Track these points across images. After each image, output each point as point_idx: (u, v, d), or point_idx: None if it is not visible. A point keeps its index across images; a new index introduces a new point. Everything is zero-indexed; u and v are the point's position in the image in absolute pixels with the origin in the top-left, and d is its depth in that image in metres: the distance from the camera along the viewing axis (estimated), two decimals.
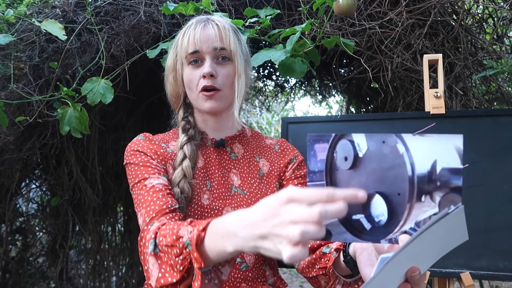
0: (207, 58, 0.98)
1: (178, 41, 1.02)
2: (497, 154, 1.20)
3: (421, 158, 0.54)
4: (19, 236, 2.66)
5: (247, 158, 1.07)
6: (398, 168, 0.54)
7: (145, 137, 1.03)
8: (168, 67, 1.05)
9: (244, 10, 1.40)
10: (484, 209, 1.17)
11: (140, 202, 0.91)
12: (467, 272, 1.13)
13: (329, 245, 0.95)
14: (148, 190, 0.91)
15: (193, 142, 1.01)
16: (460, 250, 1.16)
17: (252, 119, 7.49)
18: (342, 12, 1.23)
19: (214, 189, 1.00)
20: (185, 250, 0.70)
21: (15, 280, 2.42)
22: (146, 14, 1.59)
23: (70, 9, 1.63)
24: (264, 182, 1.05)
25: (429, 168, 0.53)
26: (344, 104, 3.34)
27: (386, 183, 0.55)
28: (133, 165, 0.96)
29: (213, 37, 0.97)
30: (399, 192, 0.54)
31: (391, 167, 0.54)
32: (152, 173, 0.93)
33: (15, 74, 1.60)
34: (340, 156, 0.57)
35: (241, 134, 1.09)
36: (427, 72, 1.32)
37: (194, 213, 0.96)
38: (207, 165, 1.03)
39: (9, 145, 1.73)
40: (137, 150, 0.98)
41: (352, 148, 0.56)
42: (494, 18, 1.88)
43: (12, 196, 2.11)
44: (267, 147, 1.11)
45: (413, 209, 0.54)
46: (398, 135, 0.54)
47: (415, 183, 0.53)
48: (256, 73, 3.08)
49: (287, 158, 1.09)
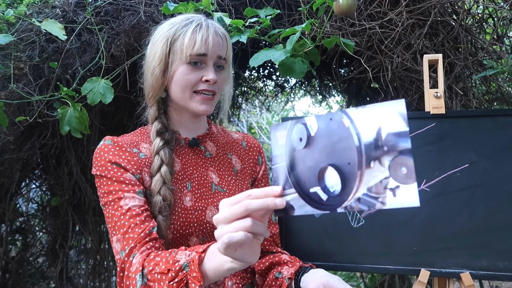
0: (210, 63, 0.98)
1: (180, 36, 0.96)
2: (497, 154, 1.19)
3: (366, 127, 0.56)
4: (19, 236, 2.66)
5: (221, 155, 1.10)
6: (346, 140, 0.58)
7: (113, 142, 0.97)
8: (157, 59, 0.98)
9: (244, 10, 1.40)
10: (484, 209, 1.17)
11: (115, 225, 0.89)
12: (467, 272, 1.13)
13: (281, 271, 1.01)
14: (124, 213, 0.88)
15: (168, 147, 0.98)
16: (460, 250, 1.17)
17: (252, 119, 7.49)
18: (342, 12, 1.23)
19: (195, 190, 1.00)
20: (181, 272, 0.75)
21: (15, 280, 2.42)
22: (146, 14, 1.58)
23: (70, 9, 1.63)
24: (239, 179, 1.09)
25: (375, 136, 0.56)
26: (344, 104, 3.34)
27: (336, 155, 0.59)
28: (105, 179, 0.92)
29: (221, 45, 0.99)
30: (349, 162, 0.57)
31: (339, 140, 0.59)
32: (126, 190, 0.90)
33: (15, 74, 1.60)
34: (296, 138, 0.63)
35: (210, 131, 1.11)
36: (427, 72, 1.32)
37: (178, 216, 0.95)
38: (185, 166, 1.02)
39: (9, 145, 1.73)
40: (109, 161, 0.93)
41: (305, 129, 0.62)
42: (494, 18, 1.88)
43: (12, 196, 2.11)
44: (235, 142, 1.15)
45: (363, 176, 0.56)
46: (343, 110, 0.59)
47: (362, 151, 0.56)
48: (256, 73, 3.08)
49: (255, 156, 1.16)
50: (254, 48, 1.62)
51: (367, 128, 0.56)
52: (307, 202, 0.60)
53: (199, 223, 0.97)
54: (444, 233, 1.17)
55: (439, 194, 1.20)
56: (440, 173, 1.21)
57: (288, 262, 1.05)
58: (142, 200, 0.92)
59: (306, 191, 0.61)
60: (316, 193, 0.60)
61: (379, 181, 0.55)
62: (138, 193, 0.92)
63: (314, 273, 0.95)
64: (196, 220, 0.96)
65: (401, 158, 0.54)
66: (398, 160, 0.54)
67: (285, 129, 0.64)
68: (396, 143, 0.54)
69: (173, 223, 0.93)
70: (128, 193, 0.90)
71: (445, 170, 1.21)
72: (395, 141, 0.54)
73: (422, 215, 1.19)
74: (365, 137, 0.56)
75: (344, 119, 0.58)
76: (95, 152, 0.96)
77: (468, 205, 1.18)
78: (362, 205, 0.56)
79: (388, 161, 0.54)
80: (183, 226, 0.95)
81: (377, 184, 0.55)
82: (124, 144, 0.98)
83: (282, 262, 1.05)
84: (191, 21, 0.98)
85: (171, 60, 0.97)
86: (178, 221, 0.94)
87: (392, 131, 0.54)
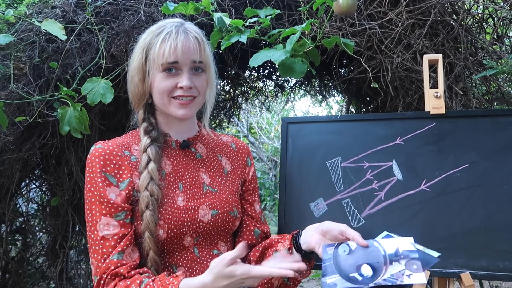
0: (184, 69, 0.99)
1: (152, 45, 0.98)
2: (497, 154, 1.19)
3: (389, 248, 0.96)
4: (19, 236, 2.65)
5: (211, 157, 1.12)
6: (376, 252, 0.96)
7: (104, 147, 0.98)
8: (134, 68, 1.01)
9: (244, 10, 1.40)
10: (484, 209, 1.17)
11: (91, 247, 0.93)
12: (467, 272, 1.13)
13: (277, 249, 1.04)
14: (98, 240, 0.92)
15: (156, 144, 1.00)
16: (460, 250, 1.17)
17: (252, 119, 7.50)
18: (342, 12, 1.23)
19: (187, 190, 1.03)
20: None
21: (15, 280, 2.42)
22: (146, 14, 1.59)
23: (70, 9, 1.63)
24: (229, 180, 1.12)
25: (394, 251, 0.95)
26: (344, 104, 3.34)
27: (369, 258, 0.94)
28: (90, 194, 0.95)
29: (193, 50, 0.99)
30: (377, 261, 0.94)
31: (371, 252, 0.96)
32: (104, 214, 0.93)
33: (15, 74, 1.60)
34: (341, 251, 0.97)
35: (200, 134, 1.12)
36: (427, 72, 1.32)
37: (172, 215, 0.97)
38: (176, 167, 1.04)
39: (9, 145, 1.73)
40: (99, 170, 0.95)
41: (348, 247, 0.97)
42: (494, 18, 1.88)
43: (12, 196, 2.11)
44: (224, 144, 1.17)
45: (387, 269, 0.92)
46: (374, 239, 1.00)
47: (387, 258, 0.94)
48: (256, 73, 3.08)
49: (244, 158, 1.19)
50: (254, 48, 1.62)
51: (389, 248, 0.95)
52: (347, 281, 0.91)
53: (192, 222, 0.99)
54: (444, 233, 1.17)
55: (439, 194, 1.20)
56: (440, 173, 1.21)
57: (279, 240, 1.08)
58: (118, 226, 0.93)
59: (347, 275, 0.92)
60: (354, 277, 0.91)
61: (398, 271, 0.90)
62: (115, 217, 0.93)
63: (307, 231, 1.05)
64: (190, 220, 0.99)
65: (412, 261, 0.92)
66: (410, 262, 0.92)
67: (332, 246, 0.99)
68: (408, 255, 0.93)
69: (167, 223, 0.96)
70: (105, 217, 0.93)
71: (445, 170, 1.21)
72: (407, 254, 0.94)
73: (422, 215, 1.19)
74: (388, 251, 0.95)
75: (375, 243, 0.97)
76: (87, 158, 0.98)
77: (468, 205, 1.18)
78: (385, 281, 0.89)
79: (404, 262, 0.92)
80: (177, 225, 0.97)
81: (397, 273, 0.90)
82: (115, 149, 0.99)
83: (273, 242, 1.08)
84: (162, 30, 0.99)
85: (148, 69, 1.00)
86: (172, 220, 0.97)
87: (406, 249, 0.95)
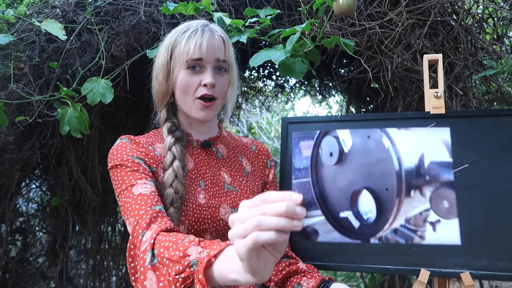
0: (208, 67, 1.01)
1: (178, 42, 1.02)
2: (497, 154, 1.19)
3: (408, 152, 0.50)
4: (19, 236, 2.66)
5: (232, 157, 1.13)
6: (385, 163, 0.51)
7: (130, 139, 1.02)
8: (160, 65, 1.05)
9: (244, 10, 1.40)
10: (484, 209, 1.17)
11: (127, 210, 0.90)
12: (467, 272, 1.12)
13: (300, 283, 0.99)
14: (135, 198, 0.91)
15: (180, 143, 1.02)
16: (460, 250, 1.17)
17: (252, 119, 7.49)
18: (342, 12, 1.23)
19: (209, 188, 1.03)
20: (189, 269, 0.72)
21: (15, 280, 2.42)
22: (146, 14, 1.59)
23: (70, 9, 1.63)
24: (250, 180, 1.12)
25: (417, 162, 0.49)
26: (344, 104, 3.34)
27: (373, 178, 0.51)
28: (120, 170, 0.95)
29: (218, 48, 1.01)
30: (387, 187, 0.50)
31: (378, 162, 0.51)
32: (139, 178, 0.93)
33: (15, 74, 1.60)
34: (326, 152, 0.55)
35: (221, 135, 1.14)
36: (427, 72, 1.32)
37: (193, 212, 0.98)
38: (198, 165, 1.05)
39: (9, 145, 1.73)
40: (126, 154, 0.97)
41: (337, 144, 0.54)
42: (494, 18, 1.88)
43: (12, 196, 2.11)
44: (244, 146, 1.18)
45: (402, 205, 0.50)
46: (383, 129, 0.52)
47: (403, 178, 0.50)
48: (256, 73, 3.08)
49: (264, 159, 1.17)
50: (254, 48, 1.62)
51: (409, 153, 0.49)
52: (335, 228, 0.54)
53: (213, 220, 0.99)
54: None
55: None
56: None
57: (306, 272, 1.03)
58: (153, 186, 0.94)
59: (335, 215, 0.53)
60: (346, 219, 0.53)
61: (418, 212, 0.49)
62: (149, 181, 0.94)
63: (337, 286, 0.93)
64: (210, 217, 0.99)
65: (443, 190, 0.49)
66: (440, 192, 0.48)
67: (311, 139, 0.56)
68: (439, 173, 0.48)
69: (187, 219, 0.96)
70: (140, 180, 0.93)
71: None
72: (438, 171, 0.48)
73: None
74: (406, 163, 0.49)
75: (384, 139, 0.52)
76: (112, 149, 1.00)
77: (468, 205, 1.18)
78: (398, 237, 0.51)
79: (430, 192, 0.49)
80: (197, 222, 0.97)
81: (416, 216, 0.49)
82: (141, 141, 1.02)
83: (299, 271, 1.03)
84: (188, 28, 1.02)
85: (172, 66, 1.02)
86: (193, 217, 0.97)
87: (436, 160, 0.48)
